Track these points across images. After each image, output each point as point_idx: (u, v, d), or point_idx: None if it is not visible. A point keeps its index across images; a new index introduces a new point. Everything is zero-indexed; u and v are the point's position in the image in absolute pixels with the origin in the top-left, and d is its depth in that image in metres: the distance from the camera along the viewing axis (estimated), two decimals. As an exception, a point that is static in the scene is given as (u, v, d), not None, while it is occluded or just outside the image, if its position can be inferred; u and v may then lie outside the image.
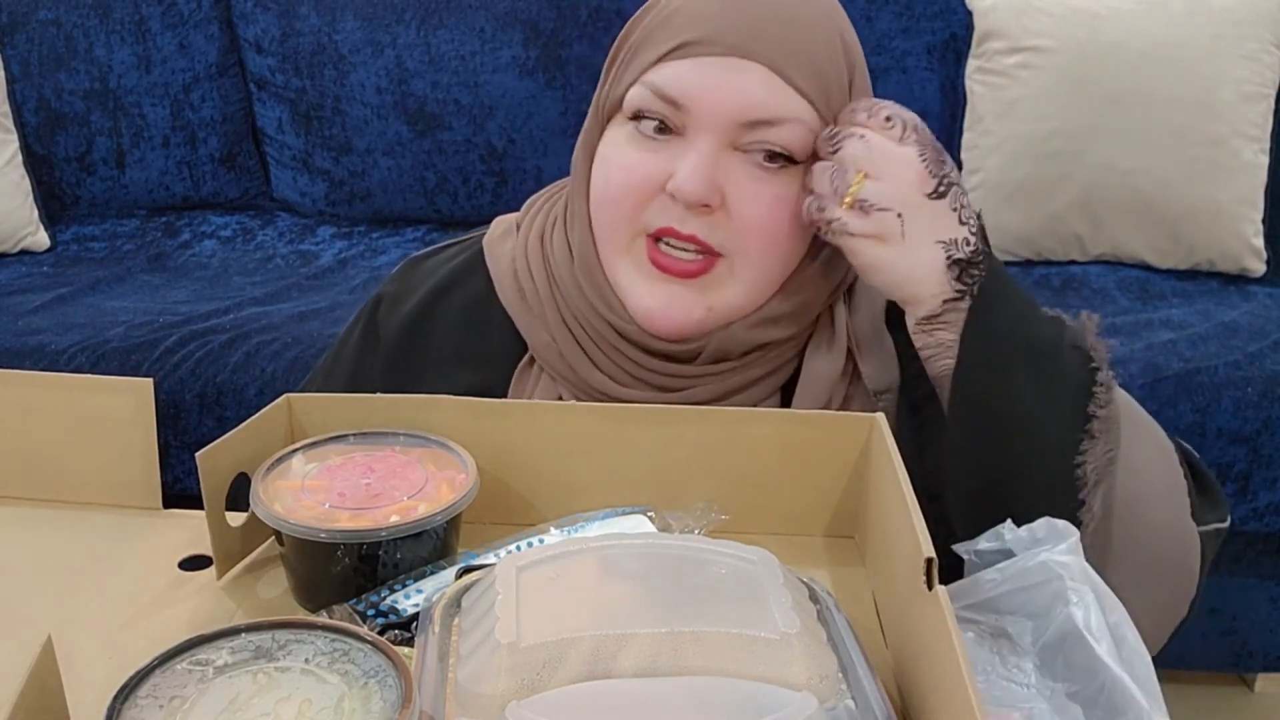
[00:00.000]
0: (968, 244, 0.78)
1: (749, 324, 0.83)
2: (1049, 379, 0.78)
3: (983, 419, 0.77)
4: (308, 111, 2.18)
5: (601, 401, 0.85)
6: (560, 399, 0.86)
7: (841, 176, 0.77)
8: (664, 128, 0.80)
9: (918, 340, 0.80)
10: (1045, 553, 0.62)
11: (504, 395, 0.88)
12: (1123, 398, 0.82)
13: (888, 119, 0.78)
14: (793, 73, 0.78)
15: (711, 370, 0.85)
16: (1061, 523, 0.64)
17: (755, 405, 0.86)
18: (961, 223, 0.78)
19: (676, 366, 0.85)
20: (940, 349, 0.78)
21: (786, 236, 0.81)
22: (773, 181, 0.79)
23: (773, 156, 0.79)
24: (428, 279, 0.94)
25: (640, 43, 0.81)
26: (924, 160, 0.78)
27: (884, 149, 0.77)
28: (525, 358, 0.89)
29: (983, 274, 0.78)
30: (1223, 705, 1.86)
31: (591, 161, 0.84)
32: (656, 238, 0.81)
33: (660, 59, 0.79)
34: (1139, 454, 0.79)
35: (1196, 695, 1.86)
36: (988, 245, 0.80)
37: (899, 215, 0.77)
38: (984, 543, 0.66)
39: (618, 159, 0.82)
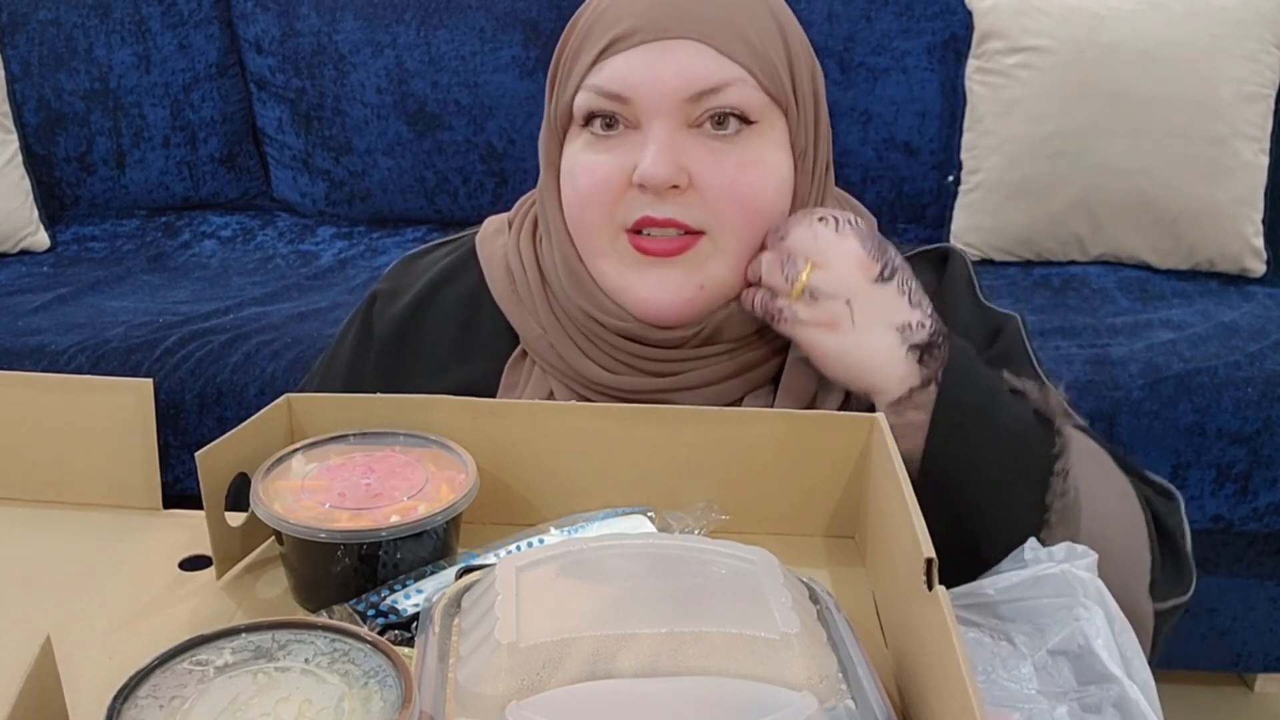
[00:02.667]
0: (923, 326, 0.78)
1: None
2: (1014, 459, 0.78)
3: (948, 497, 0.77)
4: (308, 111, 2.18)
5: (593, 391, 0.86)
6: (551, 392, 0.87)
7: (791, 266, 0.79)
8: (615, 123, 0.81)
9: (888, 420, 0.79)
10: (1063, 565, 0.62)
11: (495, 389, 0.88)
12: (1091, 452, 0.81)
13: (820, 219, 0.81)
14: (721, 42, 0.79)
15: (703, 354, 0.85)
16: (1081, 546, 0.64)
17: (749, 394, 0.86)
18: (912, 305, 0.79)
19: (668, 352, 0.85)
20: (910, 428, 0.78)
21: (759, 200, 0.82)
22: (733, 149, 0.81)
23: (723, 120, 0.80)
24: (421, 276, 0.95)
25: (574, 52, 0.83)
26: (865, 247, 0.80)
27: (827, 238, 0.79)
28: (517, 350, 0.90)
29: (944, 356, 0.78)
30: (1223, 705, 1.86)
31: (558, 178, 0.86)
32: (637, 230, 0.82)
33: (595, 61, 0.81)
34: (1099, 525, 0.78)
35: (1196, 695, 1.86)
36: (945, 324, 0.80)
37: (847, 302, 0.78)
38: (1007, 564, 0.66)
39: (581, 165, 0.83)
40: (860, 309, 0.78)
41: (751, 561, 0.58)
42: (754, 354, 0.86)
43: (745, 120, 0.81)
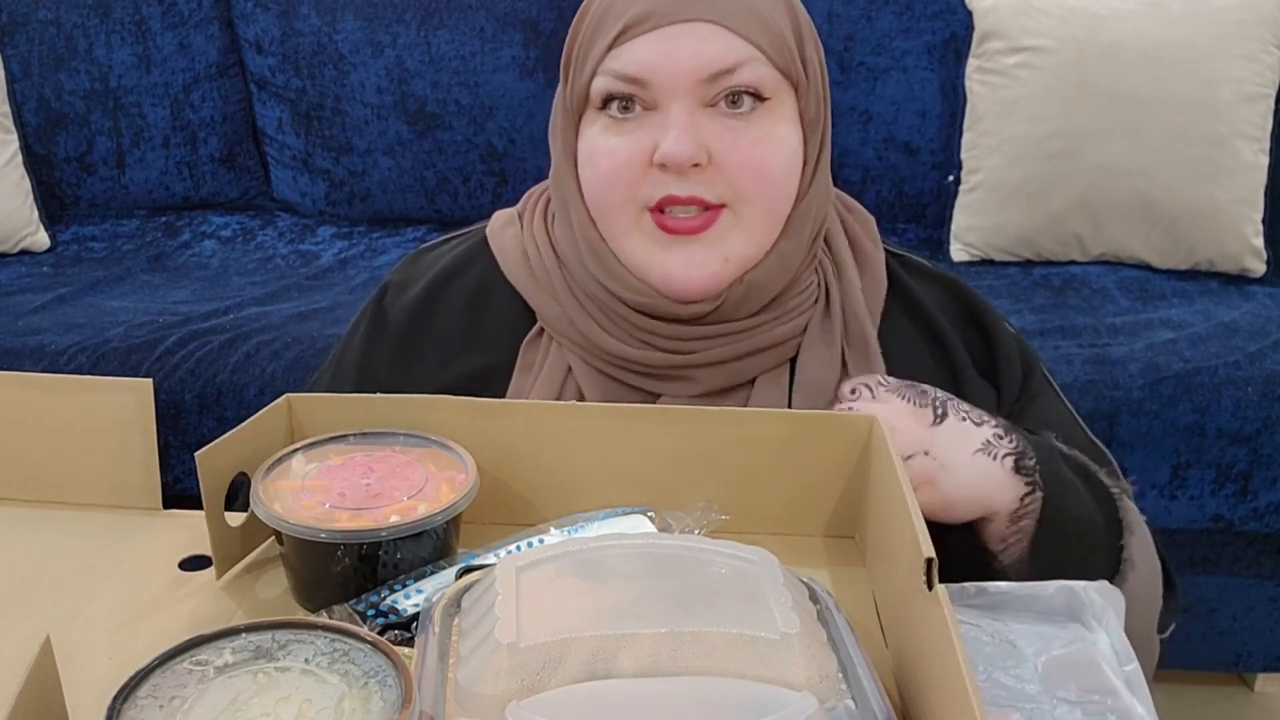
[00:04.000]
0: (1000, 438, 0.78)
1: (763, 270, 0.86)
2: (1091, 544, 0.80)
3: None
4: (308, 111, 2.18)
5: (613, 365, 0.87)
6: (570, 368, 0.88)
7: None
8: (632, 105, 0.83)
9: (1004, 536, 0.79)
10: (1074, 582, 0.63)
11: (510, 372, 0.90)
12: (1134, 511, 0.84)
13: (852, 391, 0.80)
14: (734, 22, 0.81)
15: (718, 333, 0.87)
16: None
17: (763, 373, 0.88)
18: (978, 425, 0.79)
19: (684, 329, 0.87)
20: (1023, 534, 0.78)
21: (777, 173, 0.85)
22: (750, 126, 0.83)
23: (738, 99, 0.82)
24: (433, 267, 0.96)
25: (589, 38, 0.85)
26: (907, 400, 0.79)
27: (872, 410, 0.78)
28: (534, 329, 0.91)
29: (1034, 460, 0.78)
30: (1223, 705, 1.86)
31: (574, 162, 0.88)
32: (660, 208, 0.83)
33: (611, 46, 0.83)
34: (1140, 585, 0.81)
35: (1196, 695, 1.86)
36: (1016, 429, 0.81)
37: (925, 453, 0.77)
38: None
39: (601, 148, 0.85)
40: (939, 453, 0.77)
41: (751, 561, 0.58)
42: (767, 335, 0.87)
43: (759, 97, 0.83)
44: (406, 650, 0.58)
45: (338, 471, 0.69)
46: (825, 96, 0.88)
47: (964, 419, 0.79)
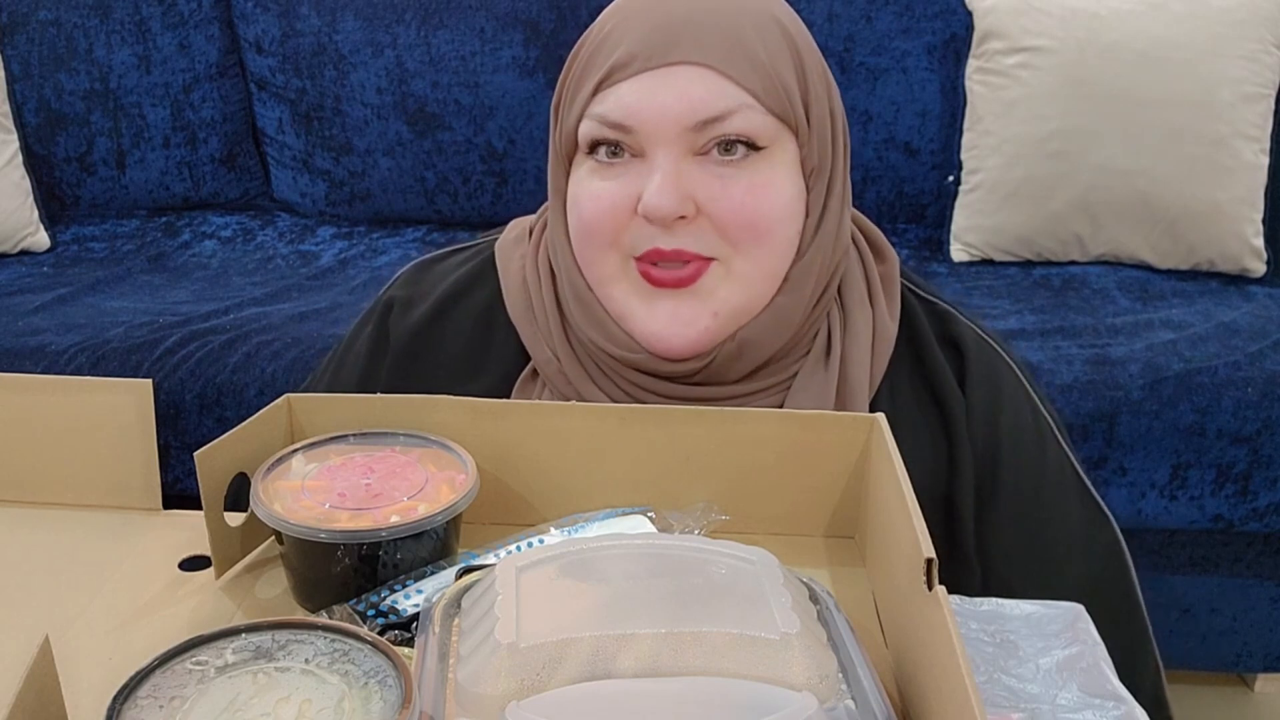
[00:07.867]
0: None
1: (758, 327, 0.82)
2: None
3: None
4: (308, 111, 2.18)
5: None
6: None
7: None
8: (620, 150, 0.80)
9: None
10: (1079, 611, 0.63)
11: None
12: None
13: None
14: (726, 66, 0.77)
15: (713, 396, 0.84)
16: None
17: None
18: None
19: (680, 388, 0.84)
20: None
21: (771, 223, 0.80)
22: (741, 175, 0.79)
23: (731, 147, 0.78)
24: (438, 285, 0.93)
25: (578, 79, 0.82)
26: None
27: None
28: (527, 369, 0.89)
29: None
30: (1223, 705, 1.86)
31: (564, 205, 0.85)
32: (646, 260, 0.80)
33: (598, 88, 0.79)
34: None
35: (1196, 695, 1.86)
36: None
37: None
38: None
39: (586, 192, 0.81)
40: None
41: (751, 561, 0.58)
42: (767, 400, 0.85)
43: (753, 146, 0.79)
44: (406, 650, 0.58)
45: (338, 471, 0.69)
46: (835, 141, 0.83)
47: None
